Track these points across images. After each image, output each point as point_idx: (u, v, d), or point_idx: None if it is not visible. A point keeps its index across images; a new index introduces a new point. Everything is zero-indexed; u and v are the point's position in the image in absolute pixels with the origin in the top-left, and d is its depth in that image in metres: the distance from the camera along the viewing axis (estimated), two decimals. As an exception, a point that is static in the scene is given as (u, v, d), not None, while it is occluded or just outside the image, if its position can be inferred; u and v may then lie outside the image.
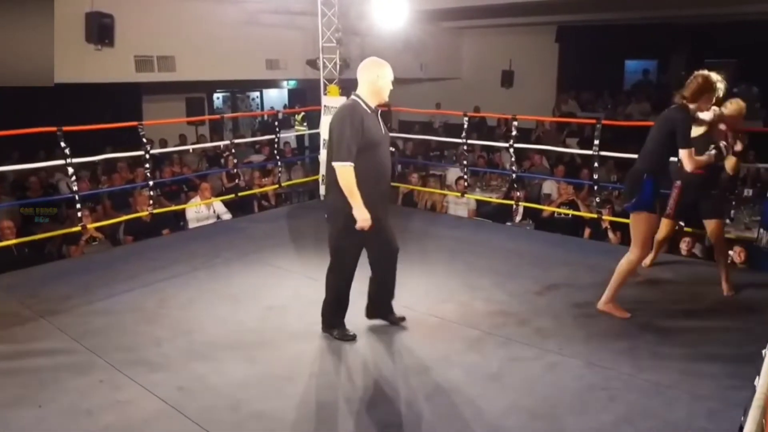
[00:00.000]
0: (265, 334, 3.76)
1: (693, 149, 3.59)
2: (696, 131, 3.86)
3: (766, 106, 11.44)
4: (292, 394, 3.06)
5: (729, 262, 4.37)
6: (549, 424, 2.81)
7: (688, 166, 3.59)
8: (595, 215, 6.04)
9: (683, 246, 5.70)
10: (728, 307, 4.05)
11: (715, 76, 3.60)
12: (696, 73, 3.66)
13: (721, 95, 3.69)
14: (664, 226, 4.38)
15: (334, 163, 3.29)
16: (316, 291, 4.44)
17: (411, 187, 8.09)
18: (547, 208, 7.02)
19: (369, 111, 3.46)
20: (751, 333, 3.56)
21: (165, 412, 2.91)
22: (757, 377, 1.81)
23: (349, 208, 3.28)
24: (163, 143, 10.37)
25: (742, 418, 1.88)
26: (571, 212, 6.67)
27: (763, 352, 1.96)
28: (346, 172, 3.25)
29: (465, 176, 6.80)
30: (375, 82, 3.47)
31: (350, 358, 3.45)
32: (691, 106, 3.64)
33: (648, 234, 3.78)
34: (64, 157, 5.13)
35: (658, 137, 3.68)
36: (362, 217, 3.28)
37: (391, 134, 7.48)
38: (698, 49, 12.97)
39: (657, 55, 13.73)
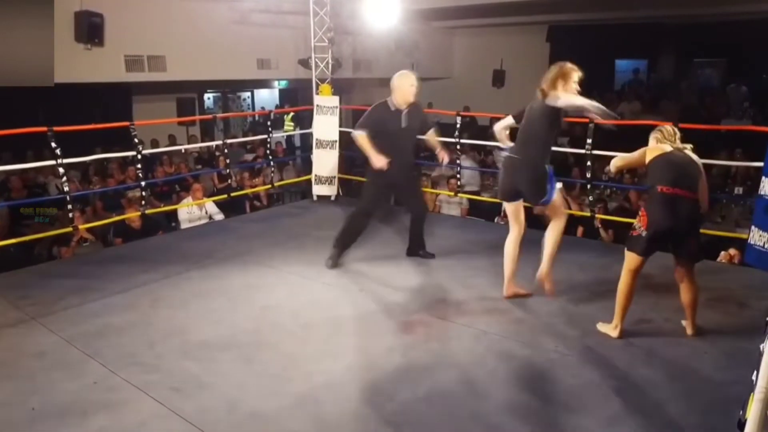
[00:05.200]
0: (260, 333, 3.75)
1: None
2: None
3: (755, 104, 11.55)
4: (289, 394, 3.04)
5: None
6: (546, 422, 2.81)
7: None
8: (586, 213, 6.06)
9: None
10: (722, 304, 4.08)
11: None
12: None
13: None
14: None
15: None
16: (311, 290, 4.46)
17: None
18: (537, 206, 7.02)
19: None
20: (745, 329, 3.59)
21: (160, 413, 2.89)
22: (755, 372, 1.81)
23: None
24: (155, 143, 10.31)
25: (741, 412, 1.88)
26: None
27: (761, 347, 1.97)
28: None
29: (458, 175, 6.79)
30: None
31: (347, 357, 3.44)
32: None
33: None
34: (55, 157, 5.08)
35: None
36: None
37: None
38: (688, 49, 13.09)
39: (647, 54, 13.81)
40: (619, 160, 3.73)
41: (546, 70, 3.97)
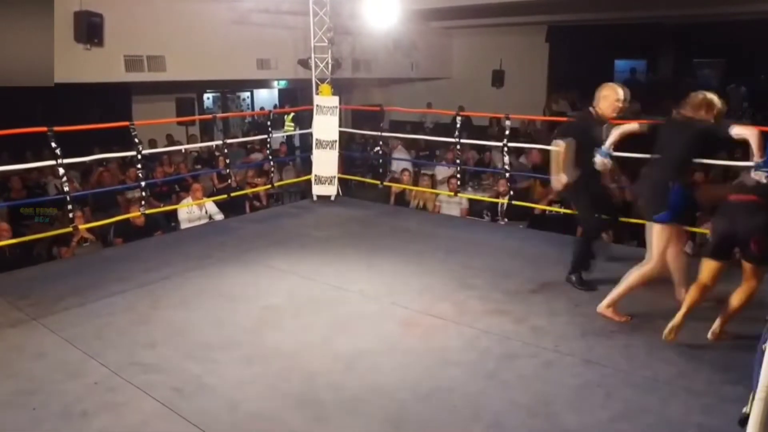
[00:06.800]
0: (260, 333, 3.75)
1: None
2: None
3: (754, 104, 11.56)
4: (290, 394, 3.05)
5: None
6: (546, 422, 2.82)
7: None
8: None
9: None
10: (722, 303, 4.07)
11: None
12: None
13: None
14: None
15: None
16: (311, 290, 4.46)
17: (404, 186, 8.10)
18: (537, 206, 7.03)
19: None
20: (745, 329, 3.59)
21: (161, 413, 2.89)
22: (755, 372, 1.82)
23: None
24: (153, 144, 10.30)
25: (743, 410, 1.88)
26: (563, 210, 6.67)
27: (764, 347, 1.97)
28: None
29: (457, 175, 6.80)
30: None
31: (347, 357, 3.44)
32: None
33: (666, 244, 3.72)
34: (55, 157, 5.08)
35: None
36: None
37: (382, 134, 7.57)
38: (687, 49, 13.11)
39: (647, 54, 13.84)
40: None
41: (545, 70, 3.96)
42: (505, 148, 6.21)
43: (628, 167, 6.20)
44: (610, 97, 4.27)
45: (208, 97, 13.64)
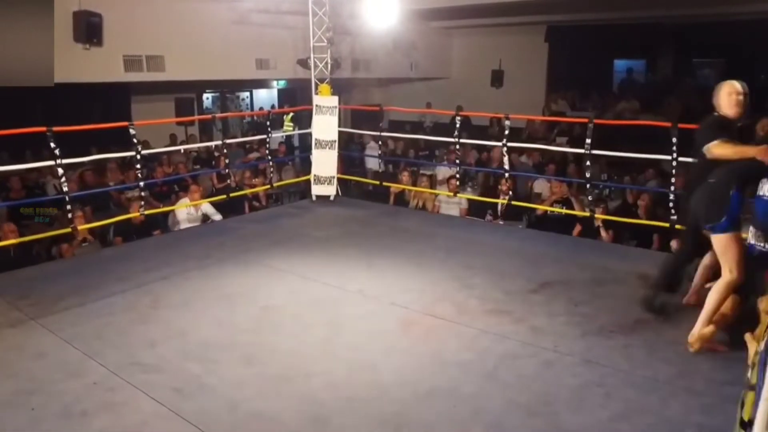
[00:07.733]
0: (260, 334, 3.75)
1: None
2: None
3: (753, 105, 11.55)
4: (290, 394, 3.05)
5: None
6: (546, 422, 2.82)
7: None
8: (586, 213, 6.06)
9: (674, 244, 5.73)
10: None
11: None
12: None
13: None
14: None
15: None
16: (310, 290, 4.46)
17: (403, 186, 8.09)
18: (540, 207, 7.04)
19: None
20: (745, 329, 3.59)
21: (161, 413, 2.89)
22: (750, 371, 1.81)
23: None
24: (146, 144, 10.24)
25: (741, 411, 1.89)
26: (565, 211, 6.68)
27: (761, 345, 1.97)
28: None
29: (457, 175, 6.80)
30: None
31: (347, 357, 3.44)
32: None
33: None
34: (54, 158, 5.08)
35: None
36: None
37: (381, 134, 7.56)
38: (687, 49, 13.11)
39: (646, 54, 13.82)
40: None
41: (544, 70, 3.89)
42: (505, 148, 6.19)
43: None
44: (724, 96, 3.95)
45: (207, 97, 13.63)
